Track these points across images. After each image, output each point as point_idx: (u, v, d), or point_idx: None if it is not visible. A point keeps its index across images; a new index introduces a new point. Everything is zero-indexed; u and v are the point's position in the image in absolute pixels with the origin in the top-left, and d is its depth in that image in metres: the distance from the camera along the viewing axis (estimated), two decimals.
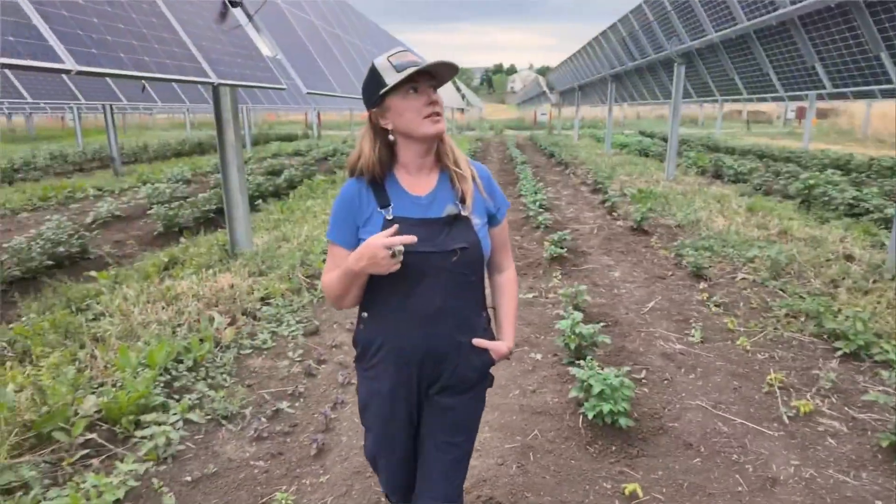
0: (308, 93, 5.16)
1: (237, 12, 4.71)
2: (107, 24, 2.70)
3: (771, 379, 3.24)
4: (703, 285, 4.95)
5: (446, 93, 30.27)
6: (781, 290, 4.69)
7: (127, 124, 39.01)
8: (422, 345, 1.44)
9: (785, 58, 7.78)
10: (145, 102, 13.95)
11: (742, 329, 4.02)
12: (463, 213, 1.43)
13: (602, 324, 3.69)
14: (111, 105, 12.48)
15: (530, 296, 4.82)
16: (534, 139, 24.73)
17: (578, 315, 3.46)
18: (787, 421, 2.86)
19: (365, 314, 1.50)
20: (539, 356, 3.66)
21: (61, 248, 5.46)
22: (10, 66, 1.98)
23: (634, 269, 5.53)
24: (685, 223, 7.13)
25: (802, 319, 4.08)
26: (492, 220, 1.53)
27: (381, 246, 1.28)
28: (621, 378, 2.77)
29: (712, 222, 7.06)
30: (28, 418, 2.60)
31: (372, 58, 2.12)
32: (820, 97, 16.18)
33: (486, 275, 1.56)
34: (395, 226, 1.33)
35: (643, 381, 3.31)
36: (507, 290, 1.64)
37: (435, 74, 1.41)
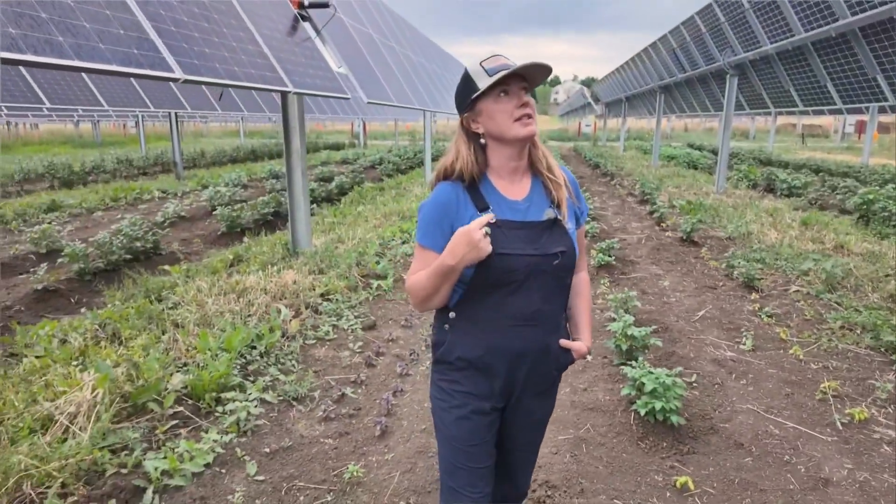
0: (369, 102, 5.44)
1: (307, 26, 5.05)
2: (204, 37, 3.01)
3: (825, 387, 3.25)
4: (754, 296, 4.94)
5: None
6: (837, 303, 4.63)
7: (184, 132, 40.86)
8: (514, 347, 1.43)
9: (844, 69, 7.63)
10: (202, 111, 14.68)
11: (795, 339, 4.01)
12: (560, 219, 1.44)
13: (653, 327, 3.77)
14: (175, 113, 13.23)
15: None
16: (578, 150, 24.64)
17: (630, 318, 3.55)
18: (840, 427, 2.88)
19: (452, 314, 1.46)
20: (589, 357, 3.76)
21: (138, 244, 5.89)
22: (133, 75, 2.27)
23: (684, 279, 5.55)
24: (736, 235, 7.06)
25: (858, 332, 4.04)
26: (576, 223, 1.55)
27: (476, 228, 1.29)
28: (673, 378, 2.86)
29: (764, 235, 6.96)
30: (126, 390, 2.89)
31: (423, 69, 2.21)
32: (882, 110, 15.60)
33: None
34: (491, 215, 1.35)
35: (694, 384, 3.37)
36: (582, 292, 1.65)
37: (526, 76, 1.40)
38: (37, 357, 3.33)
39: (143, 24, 2.53)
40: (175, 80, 2.60)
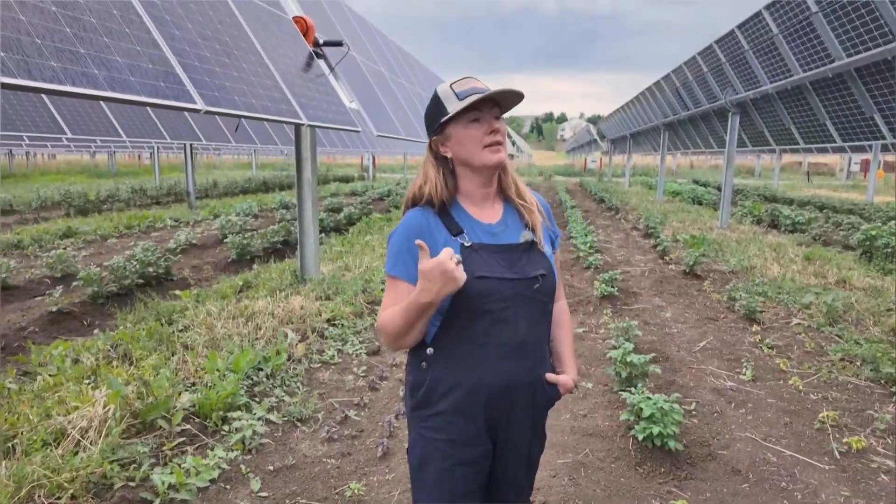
0: (378, 135, 5.66)
1: (321, 63, 5.30)
2: (225, 72, 3.21)
3: (823, 416, 3.27)
4: (755, 328, 4.98)
5: None
6: (838, 335, 4.67)
7: (198, 163, 41.71)
8: (502, 381, 1.34)
9: (842, 108, 7.82)
10: (216, 142, 15.08)
11: (795, 370, 4.04)
12: (537, 243, 1.41)
13: (652, 355, 3.82)
14: (191, 144, 13.61)
15: (581, 330, 4.97)
16: (584, 185, 24.92)
17: (629, 345, 3.62)
18: (838, 456, 2.90)
19: (430, 350, 1.36)
20: (590, 385, 3.81)
21: (150, 269, 6.04)
22: (159, 106, 2.44)
23: (686, 311, 5.60)
24: (739, 269, 7.12)
25: (859, 364, 4.07)
26: (551, 247, 1.51)
27: (446, 259, 1.19)
28: (671, 403, 2.91)
29: (767, 269, 7.02)
30: (136, 407, 2.97)
31: None
32: (884, 148, 15.78)
33: None
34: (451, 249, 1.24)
35: (693, 412, 3.41)
36: (563, 322, 1.58)
37: (499, 102, 1.36)
38: (50, 375, 3.43)
39: (169, 60, 2.72)
40: (197, 111, 2.77)
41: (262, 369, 3.68)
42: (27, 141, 14.30)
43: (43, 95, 8.66)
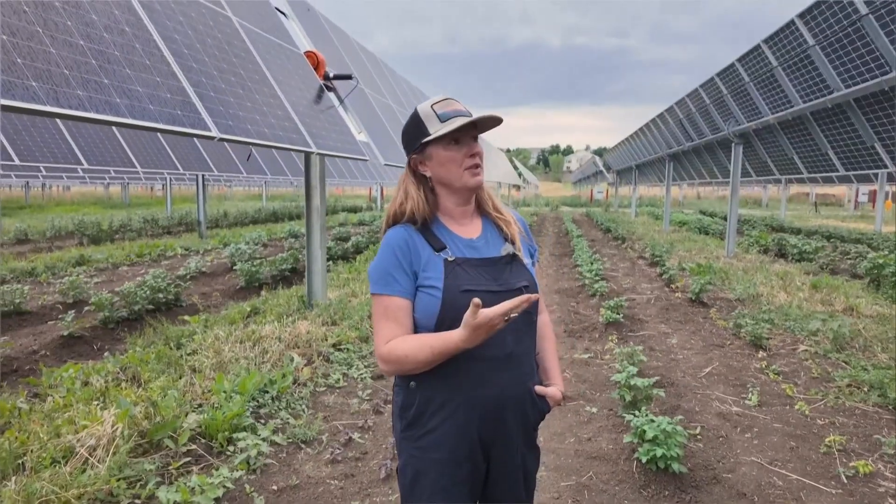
0: (385, 164, 5.81)
1: (331, 96, 5.49)
2: (239, 102, 3.35)
3: (830, 441, 3.25)
4: (761, 354, 4.96)
5: (502, 170, 31.45)
6: (845, 361, 4.64)
7: (209, 195, 42.39)
8: (494, 394, 1.35)
9: (844, 138, 7.92)
10: (228, 173, 15.40)
11: (801, 396, 4.02)
12: (518, 254, 1.44)
13: (657, 379, 3.82)
14: (203, 175, 13.91)
15: (586, 356, 4.98)
16: (590, 215, 25.04)
17: (633, 368, 3.63)
18: (845, 480, 2.88)
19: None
20: (595, 409, 3.80)
21: (160, 295, 6.13)
22: (176, 133, 2.57)
23: (692, 338, 5.59)
24: (745, 297, 7.11)
25: (866, 390, 4.04)
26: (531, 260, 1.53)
27: (499, 315, 1.19)
28: (674, 425, 2.91)
29: (774, 297, 7.01)
30: (143, 427, 3.01)
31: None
32: (891, 178, 15.82)
33: None
34: (478, 303, 1.20)
35: (698, 436, 3.39)
36: (547, 334, 1.59)
37: (478, 124, 1.40)
38: (60, 396, 3.48)
39: (186, 90, 2.87)
40: (212, 139, 2.90)
41: (267, 392, 3.71)
42: (44, 172, 14.66)
43: (61, 126, 8.96)
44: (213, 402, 3.43)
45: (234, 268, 8.46)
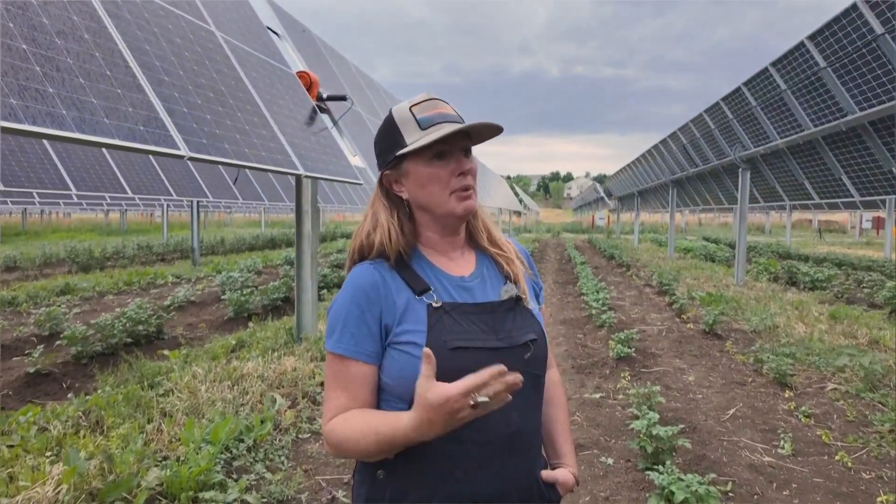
0: None
1: (324, 117, 5.22)
2: (217, 120, 3.06)
3: (882, 501, 2.84)
4: (788, 394, 4.56)
5: (502, 196, 31.18)
6: (881, 402, 4.24)
7: (208, 221, 42.25)
8: (491, 490, 1.01)
9: (858, 162, 7.64)
10: (227, 199, 15.16)
11: (839, 444, 3.61)
12: (521, 297, 1.12)
13: (680, 427, 3.43)
14: (197, 201, 13.64)
15: (597, 396, 4.58)
16: (592, 242, 24.74)
17: (654, 415, 3.24)
18: None
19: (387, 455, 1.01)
20: (611, 461, 3.40)
21: (140, 327, 5.76)
22: (135, 150, 2.26)
23: (710, 374, 5.19)
24: (761, 329, 6.73)
25: None
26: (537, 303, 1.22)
27: (459, 395, 0.85)
28: (706, 486, 2.52)
29: (792, 329, 6.63)
30: (94, 486, 2.61)
31: None
32: None
33: None
34: (431, 356, 0.90)
35: (730, 493, 2.98)
36: (557, 397, 1.25)
37: (471, 134, 1.07)
38: (9, 446, 3.09)
39: (153, 104, 2.57)
40: (180, 157, 2.59)
41: (243, 440, 3.31)
42: (37, 198, 14.42)
43: (49, 150, 8.71)
44: (179, 454, 3.04)
45: (224, 297, 8.10)
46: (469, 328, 1.03)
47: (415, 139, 1.04)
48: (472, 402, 0.86)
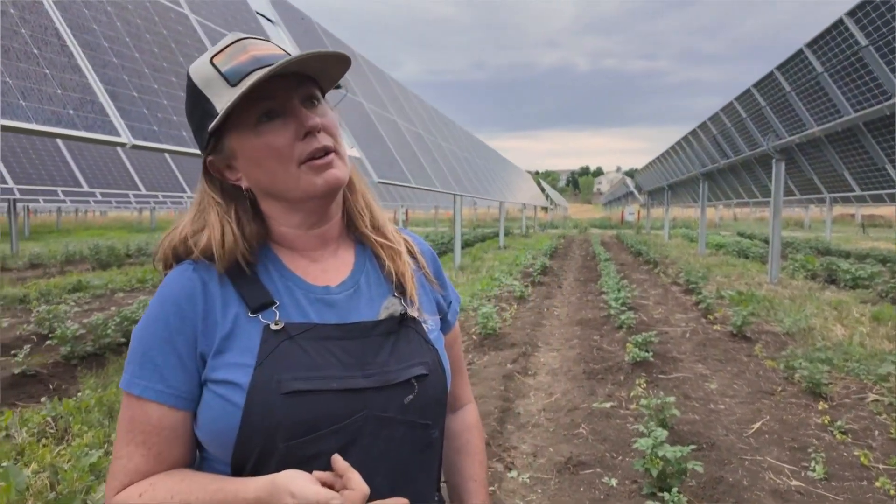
0: (378, 181, 5.25)
1: None
2: (175, 105, 2.81)
3: None
4: (822, 406, 4.10)
5: (527, 192, 30.50)
6: None
7: None
8: None
9: None
10: None
11: (880, 466, 3.17)
12: (410, 313, 0.82)
13: (694, 446, 3.04)
14: None
15: (608, 405, 4.20)
16: (620, 238, 24.04)
17: (662, 433, 2.86)
18: None
19: None
20: (614, 482, 3.03)
21: None
22: (58, 136, 2.03)
23: (735, 382, 4.75)
24: (795, 331, 6.21)
25: None
26: (442, 324, 0.91)
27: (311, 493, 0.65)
28: None
29: (829, 331, 6.10)
30: None
31: (454, 157, 1.41)
32: None
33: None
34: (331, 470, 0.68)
35: None
36: (473, 445, 0.97)
37: (314, 75, 0.77)
38: None
39: (92, 86, 2.34)
40: (122, 145, 2.35)
41: None
42: (61, 196, 14.65)
43: (62, 148, 8.71)
44: None
45: None
46: (321, 360, 0.73)
47: (227, 99, 0.72)
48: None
